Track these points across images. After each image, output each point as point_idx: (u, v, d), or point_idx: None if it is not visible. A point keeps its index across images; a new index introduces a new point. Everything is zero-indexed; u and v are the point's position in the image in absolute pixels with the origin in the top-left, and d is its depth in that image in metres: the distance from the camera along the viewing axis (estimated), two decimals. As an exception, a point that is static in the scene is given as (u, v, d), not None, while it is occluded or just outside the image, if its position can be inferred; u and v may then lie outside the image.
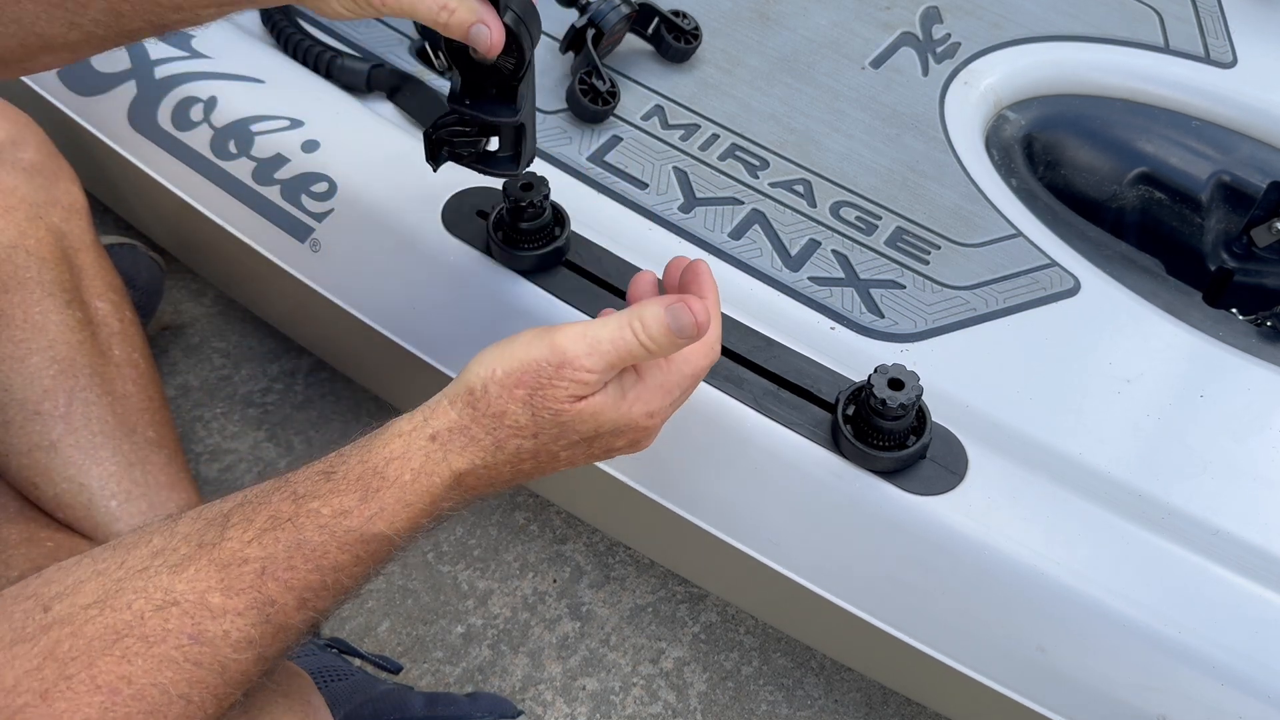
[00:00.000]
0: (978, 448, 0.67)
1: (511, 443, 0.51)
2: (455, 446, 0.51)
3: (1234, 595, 0.62)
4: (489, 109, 0.59)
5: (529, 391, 0.51)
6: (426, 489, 0.51)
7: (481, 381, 0.52)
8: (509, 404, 0.51)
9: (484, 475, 0.52)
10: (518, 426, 0.51)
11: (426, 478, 0.51)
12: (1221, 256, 0.90)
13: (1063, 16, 0.95)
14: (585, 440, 0.53)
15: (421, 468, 0.51)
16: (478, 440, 0.51)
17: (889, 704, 0.91)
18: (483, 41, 0.53)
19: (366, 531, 0.49)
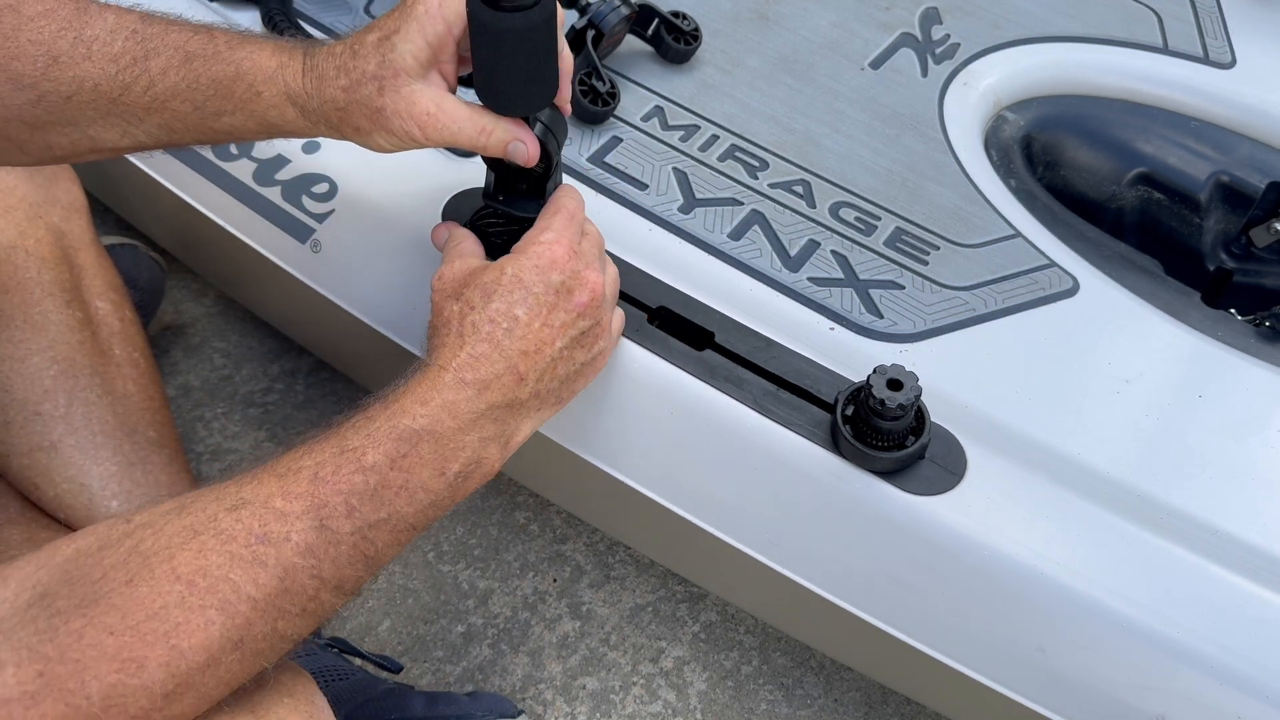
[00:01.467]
0: (977, 448, 0.67)
1: (466, 324, 0.58)
2: (434, 356, 0.58)
3: (1234, 595, 0.62)
4: (520, 205, 0.67)
5: (442, 297, 0.60)
6: (432, 387, 0.56)
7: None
8: (442, 313, 0.60)
9: (475, 365, 0.57)
10: (456, 313, 0.59)
11: (428, 380, 0.57)
12: (1220, 257, 0.90)
13: (1062, 17, 0.95)
14: (521, 290, 0.58)
15: (422, 377, 0.57)
16: (443, 343, 0.58)
17: (889, 703, 0.91)
18: (520, 156, 0.62)
19: (394, 427, 0.55)
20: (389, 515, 0.54)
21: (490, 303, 0.58)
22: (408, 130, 0.60)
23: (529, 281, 0.58)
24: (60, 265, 0.82)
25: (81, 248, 0.84)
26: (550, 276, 0.59)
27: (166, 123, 0.61)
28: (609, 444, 0.72)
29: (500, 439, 0.59)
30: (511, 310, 0.58)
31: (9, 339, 0.79)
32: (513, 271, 0.59)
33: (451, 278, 0.60)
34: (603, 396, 0.71)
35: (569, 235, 0.61)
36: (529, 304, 0.58)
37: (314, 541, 0.52)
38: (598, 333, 0.62)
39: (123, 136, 0.62)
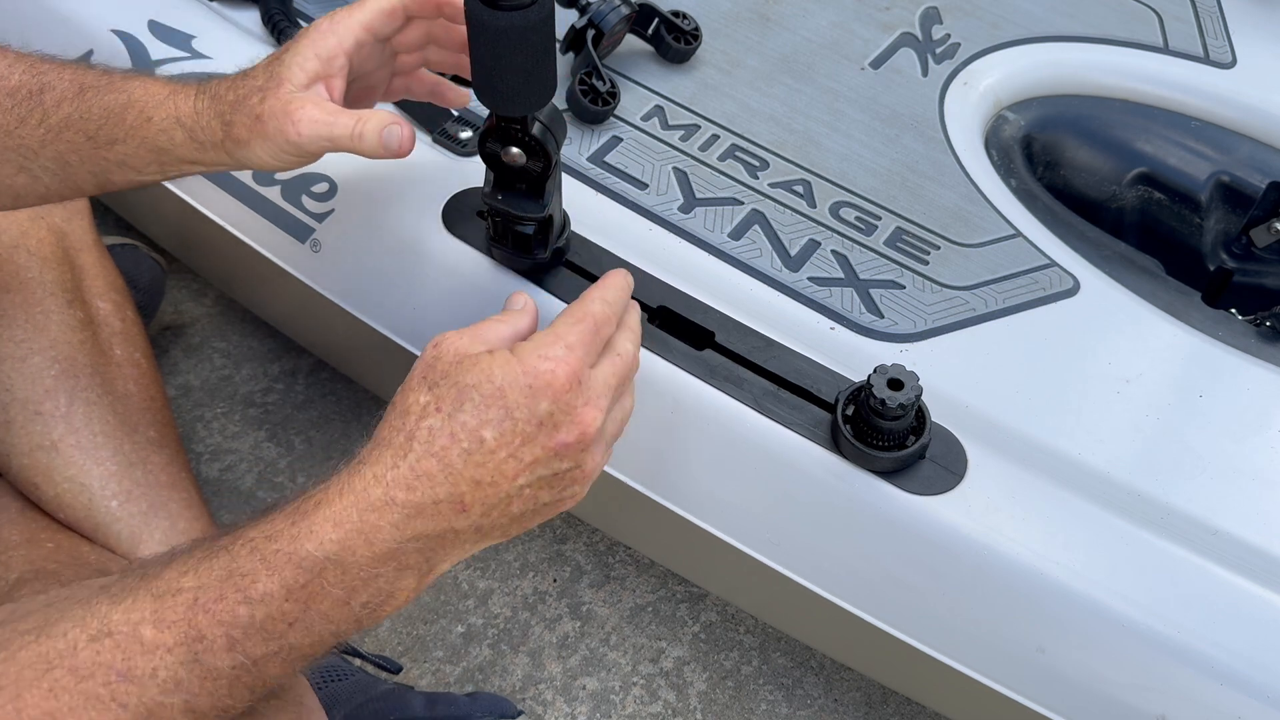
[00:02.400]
0: (977, 448, 0.67)
1: (421, 428, 0.50)
2: (373, 456, 0.50)
3: (1234, 595, 0.62)
4: (519, 204, 0.66)
5: (424, 372, 0.52)
6: (354, 503, 0.49)
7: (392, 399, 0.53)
8: (410, 394, 0.51)
9: (413, 484, 0.49)
10: (420, 407, 0.50)
11: (352, 493, 0.49)
12: (1221, 257, 0.90)
13: (1062, 17, 0.95)
14: (500, 410, 0.50)
15: (347, 484, 0.49)
16: (390, 441, 0.50)
17: (888, 703, 0.91)
18: (393, 141, 0.58)
19: (295, 552, 0.48)
20: (279, 649, 0.48)
21: (459, 412, 0.50)
22: (283, 131, 0.57)
23: (512, 402, 0.50)
24: (61, 265, 0.82)
25: (83, 248, 0.84)
26: (539, 403, 0.50)
27: (61, 154, 0.60)
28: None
29: (420, 569, 0.51)
30: (479, 430, 0.49)
31: (10, 338, 0.79)
32: (500, 382, 0.50)
33: (449, 351, 0.52)
34: (603, 396, 0.71)
35: (580, 356, 0.52)
36: (502, 428, 0.50)
37: (185, 677, 0.46)
38: (575, 476, 0.53)
39: (18, 172, 0.61)
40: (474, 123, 0.82)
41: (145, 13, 0.86)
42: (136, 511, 0.79)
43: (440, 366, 0.51)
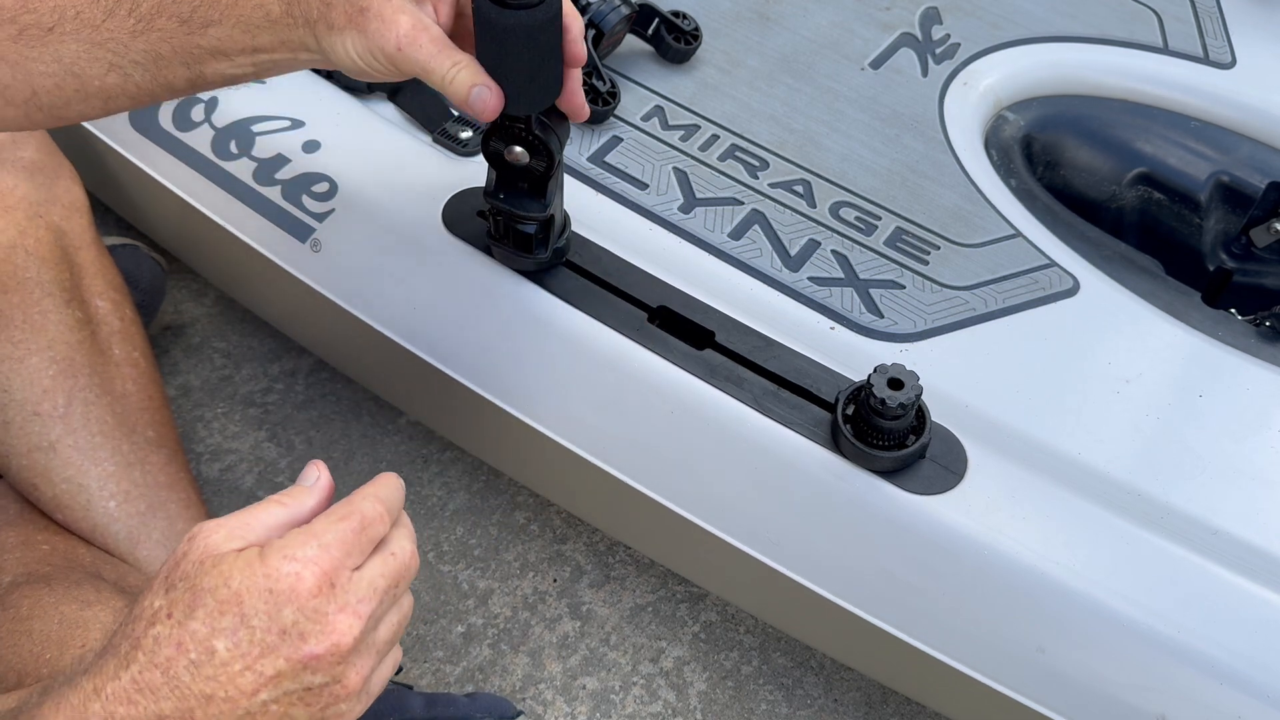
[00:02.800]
0: (977, 447, 0.67)
1: (149, 635, 0.45)
2: (96, 666, 0.45)
3: (1234, 595, 0.62)
4: (521, 204, 0.66)
5: (166, 572, 0.47)
6: (58, 686, 0.45)
7: None
8: (146, 597, 0.46)
9: (134, 698, 0.44)
10: (151, 612, 0.45)
11: (69, 708, 0.44)
12: (1220, 257, 0.90)
13: (1062, 17, 0.95)
14: (234, 618, 0.45)
15: (64, 698, 0.45)
16: (116, 649, 0.45)
17: (888, 703, 0.91)
18: (479, 103, 0.55)
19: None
20: None
21: (190, 619, 0.44)
22: (383, 39, 0.53)
23: (250, 609, 0.45)
24: (60, 264, 0.82)
25: (82, 247, 0.84)
26: (283, 611, 0.45)
27: (153, 46, 0.55)
28: (609, 443, 0.72)
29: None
30: (210, 639, 0.44)
31: (8, 338, 0.79)
32: (238, 587, 0.45)
33: (197, 548, 0.46)
34: (603, 396, 0.71)
35: (335, 556, 0.46)
36: (236, 638, 0.44)
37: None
38: (336, 693, 0.47)
39: (109, 70, 0.56)
40: (474, 123, 0.82)
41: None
42: (135, 512, 0.79)
43: (184, 566, 0.46)
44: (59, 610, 0.68)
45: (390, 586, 0.49)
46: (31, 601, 0.69)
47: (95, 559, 0.77)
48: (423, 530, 1.00)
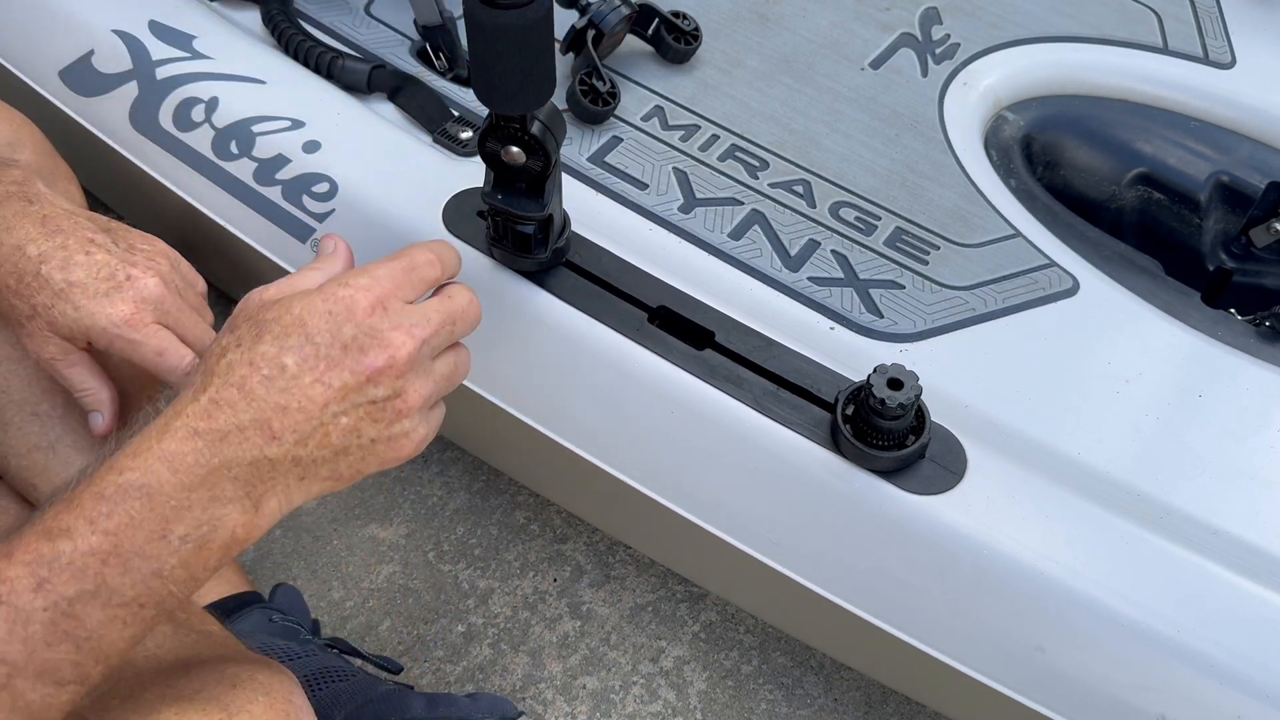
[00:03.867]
0: (977, 447, 0.67)
1: (221, 364, 0.49)
2: (182, 393, 0.49)
3: (1234, 595, 0.62)
4: (519, 204, 0.65)
5: (229, 324, 0.52)
6: (154, 435, 0.48)
7: None
8: (213, 345, 0.51)
9: (213, 413, 0.48)
10: (220, 348, 0.50)
11: (153, 431, 0.48)
12: (1220, 257, 0.90)
13: (1061, 17, 0.95)
14: (300, 336, 0.49)
15: (147, 429, 0.48)
16: (190, 384, 0.50)
17: (888, 703, 0.91)
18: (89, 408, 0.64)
19: (94, 485, 0.46)
20: (97, 588, 0.45)
21: (259, 343, 0.49)
22: None
23: (313, 328, 0.49)
24: (61, 265, 0.82)
25: (81, 247, 0.84)
26: (342, 328, 0.50)
27: None
28: (610, 443, 0.72)
29: (242, 503, 0.49)
30: (280, 357, 0.49)
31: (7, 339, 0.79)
32: (299, 312, 0.50)
33: (254, 300, 0.52)
34: (603, 396, 0.71)
35: (386, 286, 0.52)
36: (303, 353, 0.49)
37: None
38: (399, 408, 0.51)
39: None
40: (474, 123, 0.82)
41: (146, 13, 0.86)
42: (136, 511, 0.79)
43: (243, 313, 0.52)
44: None
45: (444, 322, 0.53)
46: None
47: None
48: (423, 530, 1.00)
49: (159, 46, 0.85)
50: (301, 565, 0.98)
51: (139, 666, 0.55)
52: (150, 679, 0.54)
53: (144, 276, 0.62)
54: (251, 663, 0.56)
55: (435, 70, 0.86)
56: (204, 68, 0.84)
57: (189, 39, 0.85)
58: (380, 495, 1.02)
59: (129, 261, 0.63)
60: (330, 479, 0.52)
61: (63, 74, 0.86)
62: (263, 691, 0.54)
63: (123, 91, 0.84)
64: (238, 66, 0.84)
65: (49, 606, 0.45)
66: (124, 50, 0.84)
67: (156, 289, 0.62)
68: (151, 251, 0.64)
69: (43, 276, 0.61)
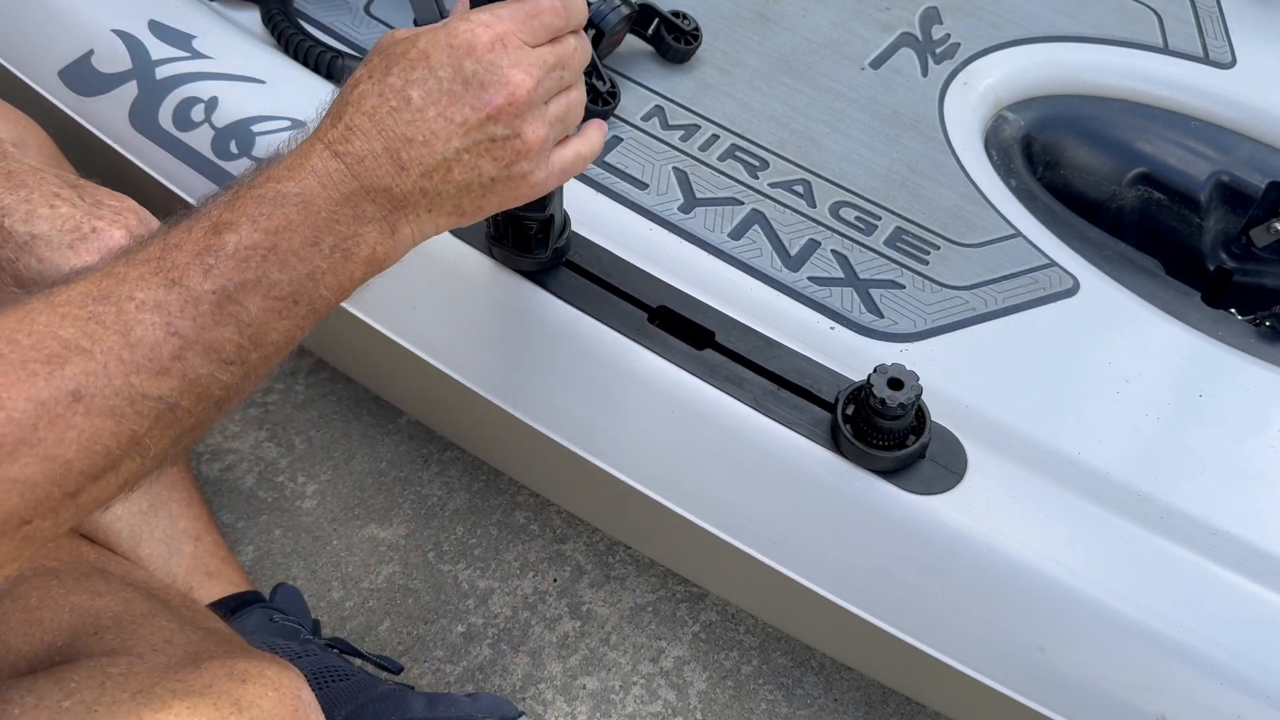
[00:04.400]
0: (977, 447, 0.67)
1: (354, 94, 0.52)
2: (321, 121, 0.53)
3: (1234, 595, 0.62)
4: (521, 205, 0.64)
5: (366, 58, 0.54)
6: (302, 154, 0.51)
7: None
8: (355, 72, 0.53)
9: (349, 138, 0.51)
10: (355, 80, 0.52)
11: (299, 151, 0.52)
12: (1220, 256, 0.90)
13: (1062, 17, 0.95)
14: (424, 70, 0.51)
15: (298, 146, 0.52)
16: (329, 112, 0.53)
17: (888, 703, 0.91)
18: None
19: (254, 190, 0.50)
20: (258, 278, 0.49)
21: (388, 75, 0.52)
22: None
23: (436, 62, 0.51)
24: (61, 264, 0.82)
25: (82, 246, 0.84)
26: (464, 63, 0.52)
27: None
28: (610, 443, 0.72)
29: (381, 223, 0.52)
30: (406, 89, 0.51)
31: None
32: (424, 45, 0.52)
33: (388, 37, 0.54)
34: (603, 395, 0.71)
35: (507, 25, 0.53)
36: (427, 87, 0.51)
37: (164, 299, 0.47)
38: (518, 148, 0.53)
39: None
40: (474, 123, 0.82)
41: (145, 13, 0.86)
42: (137, 511, 0.79)
43: (378, 47, 0.54)
44: (69, 600, 0.69)
45: (557, 64, 0.54)
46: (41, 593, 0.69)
47: (100, 556, 0.77)
48: (423, 530, 1.00)
49: (159, 46, 0.85)
50: (301, 565, 0.98)
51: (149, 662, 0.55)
52: (160, 675, 0.54)
53: (110, 229, 0.62)
54: (260, 658, 0.57)
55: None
56: (204, 67, 0.84)
57: (189, 39, 0.85)
58: (380, 495, 1.02)
59: (95, 215, 0.63)
60: (455, 214, 0.54)
61: (62, 74, 0.86)
62: (272, 686, 0.55)
63: (122, 91, 0.84)
64: (237, 66, 0.84)
65: (216, 290, 0.48)
66: (124, 50, 0.84)
67: (123, 240, 0.62)
68: (119, 206, 0.65)
69: (5, 229, 0.60)
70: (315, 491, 1.02)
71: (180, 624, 0.65)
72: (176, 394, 0.47)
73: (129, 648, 0.55)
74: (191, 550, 0.85)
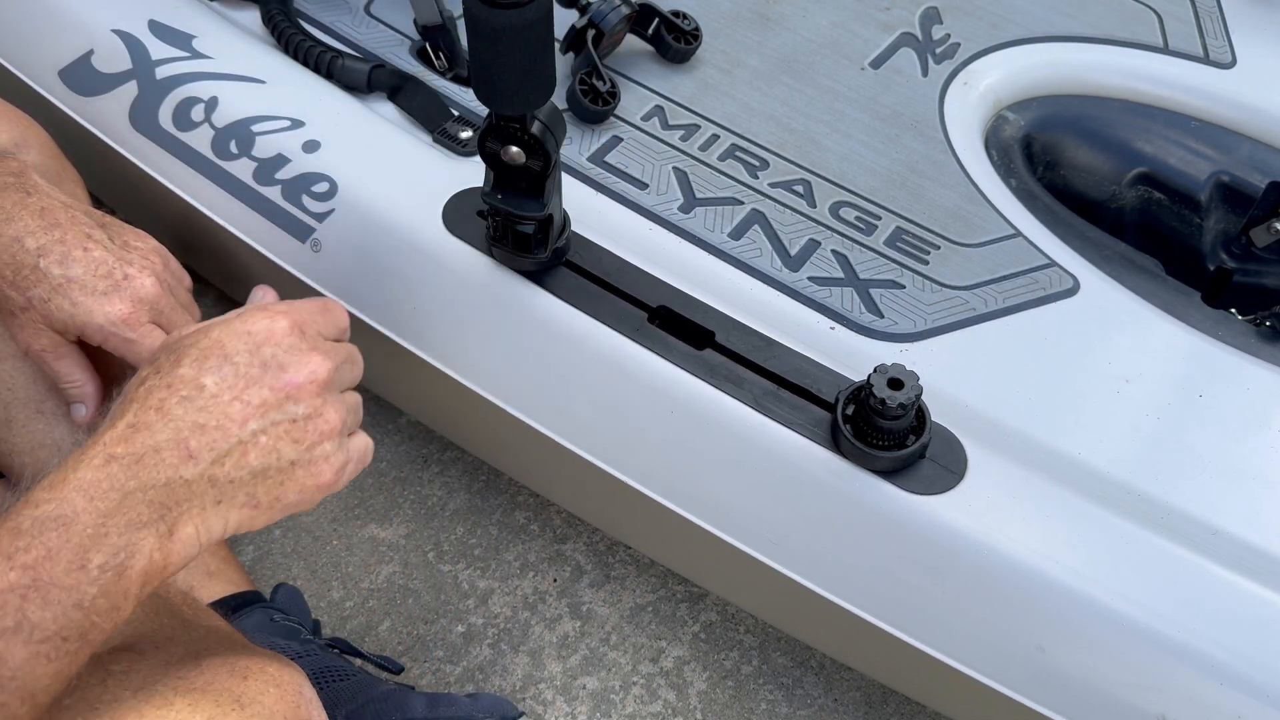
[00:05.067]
0: (977, 447, 0.67)
1: (139, 391, 0.49)
2: (103, 424, 0.49)
3: (1234, 595, 0.62)
4: (519, 203, 0.66)
5: (151, 354, 0.53)
6: (70, 466, 0.47)
7: None
8: (139, 372, 0.51)
9: (130, 437, 0.48)
10: (140, 377, 0.50)
11: (70, 462, 0.48)
12: (1220, 256, 0.90)
13: (1062, 17, 0.95)
14: (218, 358, 0.50)
15: (71, 455, 0.48)
16: (114, 408, 0.50)
17: (888, 703, 0.91)
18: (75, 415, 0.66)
19: (9, 521, 0.46)
20: (18, 624, 0.44)
21: (178, 367, 0.50)
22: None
23: (232, 349, 0.50)
24: (61, 264, 0.82)
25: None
26: (262, 349, 0.51)
27: None
28: (610, 443, 0.72)
29: (157, 528, 0.48)
30: (199, 377, 0.49)
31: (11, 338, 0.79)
32: (217, 335, 0.51)
33: (173, 336, 0.54)
34: (603, 396, 0.71)
35: (305, 315, 0.53)
36: (222, 373, 0.50)
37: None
38: (321, 428, 0.51)
39: None
40: (474, 123, 0.82)
41: (145, 13, 0.86)
42: (136, 512, 0.79)
43: (164, 344, 0.53)
44: None
45: (348, 359, 0.55)
46: None
47: None
48: (423, 530, 1.00)
49: (159, 46, 0.85)
50: (301, 565, 0.98)
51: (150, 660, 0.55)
52: (162, 672, 0.54)
53: (140, 276, 0.63)
54: (261, 656, 0.57)
55: (435, 70, 0.86)
56: (204, 67, 0.84)
57: (189, 39, 0.85)
58: (380, 495, 1.02)
59: (125, 260, 0.64)
60: (248, 506, 0.51)
61: (62, 74, 0.86)
62: (274, 683, 0.55)
63: (122, 91, 0.84)
64: (237, 66, 0.84)
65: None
66: (123, 50, 0.84)
67: (153, 289, 0.63)
68: (145, 249, 0.66)
69: (41, 270, 0.61)
70: (315, 491, 1.02)
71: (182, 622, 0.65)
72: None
73: (130, 644, 0.55)
74: (191, 550, 0.85)
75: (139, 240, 0.66)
